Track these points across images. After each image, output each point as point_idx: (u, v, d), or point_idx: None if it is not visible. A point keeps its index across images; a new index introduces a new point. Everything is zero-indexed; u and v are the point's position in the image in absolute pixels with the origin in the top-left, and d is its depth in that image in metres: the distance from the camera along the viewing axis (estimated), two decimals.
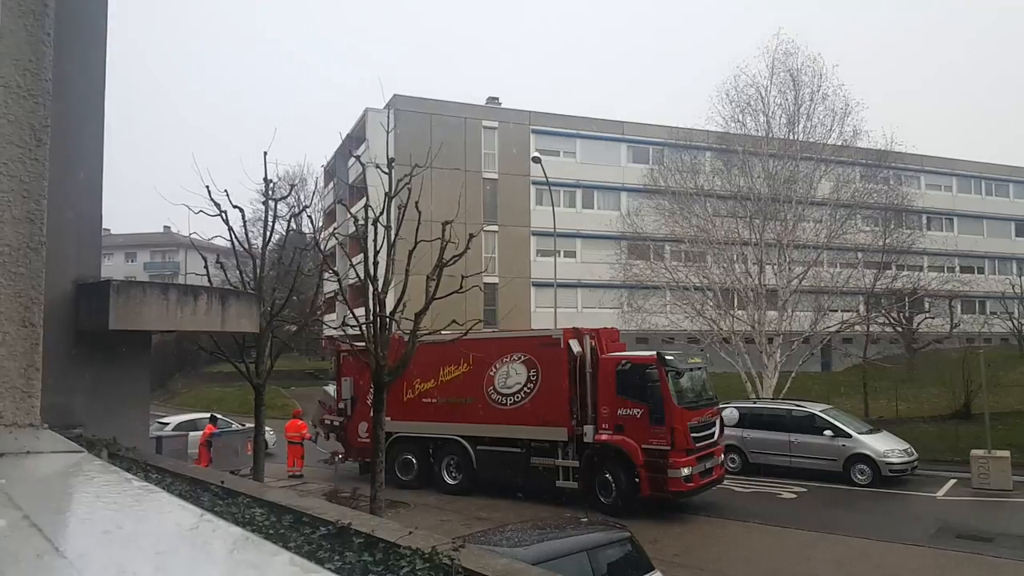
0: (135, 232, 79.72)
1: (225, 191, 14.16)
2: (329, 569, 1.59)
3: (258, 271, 13.93)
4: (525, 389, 17.86)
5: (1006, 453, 19.24)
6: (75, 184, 9.56)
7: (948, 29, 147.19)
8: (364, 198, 14.01)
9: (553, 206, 33.71)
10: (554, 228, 33.23)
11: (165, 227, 70.73)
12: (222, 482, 6.40)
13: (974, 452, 19.52)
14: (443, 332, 14.33)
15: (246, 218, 15.05)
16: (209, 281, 13.96)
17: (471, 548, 4.51)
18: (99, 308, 9.19)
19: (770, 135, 28.56)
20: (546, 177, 33.20)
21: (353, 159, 23.33)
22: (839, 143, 28.38)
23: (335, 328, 22.81)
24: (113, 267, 78.27)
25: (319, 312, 23.78)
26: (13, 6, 2.73)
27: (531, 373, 17.83)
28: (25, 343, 2.74)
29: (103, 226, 11.23)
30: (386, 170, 12.59)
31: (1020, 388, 30.19)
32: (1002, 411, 26.03)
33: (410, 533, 4.50)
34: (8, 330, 2.69)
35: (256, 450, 15.35)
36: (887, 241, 30.98)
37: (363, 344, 13.15)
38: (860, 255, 31.73)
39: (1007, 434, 22.39)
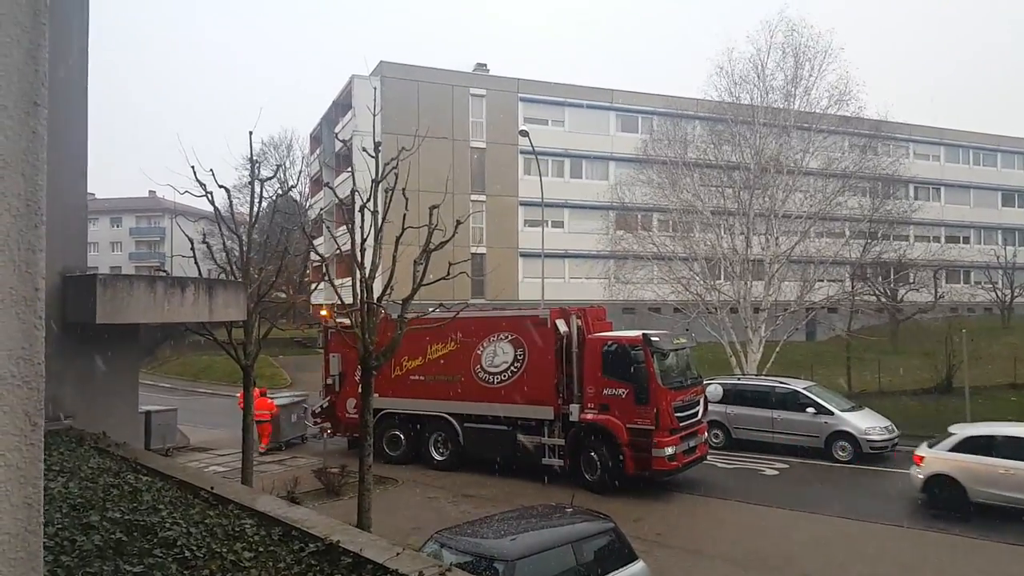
0: (120, 197, 79.04)
1: (211, 171, 14.03)
2: None
3: (244, 255, 13.87)
4: (512, 368, 17.99)
5: None
6: (61, 175, 9.50)
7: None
8: (350, 167, 13.90)
9: (540, 176, 33.40)
10: (542, 198, 33.16)
11: (150, 192, 70.36)
12: (211, 488, 6.50)
13: (952, 428, 19.72)
14: (431, 310, 14.40)
15: (232, 186, 14.91)
16: (195, 260, 13.91)
17: (456, 573, 4.61)
18: (86, 301, 9.22)
19: (764, 105, 28.35)
20: (533, 147, 33.01)
21: (339, 137, 23.13)
22: (836, 114, 28.25)
23: (324, 303, 22.85)
24: (98, 232, 77.80)
25: (307, 285, 23.80)
26: None
27: (518, 352, 17.95)
28: None
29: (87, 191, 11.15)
30: (372, 154, 12.49)
31: (1002, 360, 30.60)
32: (984, 385, 26.41)
33: (397, 555, 4.61)
34: None
35: (245, 428, 15.45)
36: (876, 213, 30.98)
37: (350, 324, 13.15)
38: (847, 227, 31.83)
39: (987, 407, 22.71)
